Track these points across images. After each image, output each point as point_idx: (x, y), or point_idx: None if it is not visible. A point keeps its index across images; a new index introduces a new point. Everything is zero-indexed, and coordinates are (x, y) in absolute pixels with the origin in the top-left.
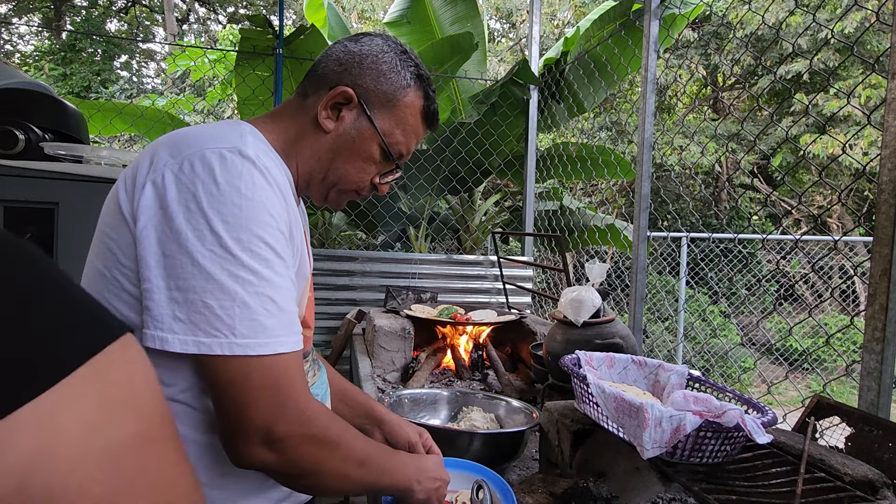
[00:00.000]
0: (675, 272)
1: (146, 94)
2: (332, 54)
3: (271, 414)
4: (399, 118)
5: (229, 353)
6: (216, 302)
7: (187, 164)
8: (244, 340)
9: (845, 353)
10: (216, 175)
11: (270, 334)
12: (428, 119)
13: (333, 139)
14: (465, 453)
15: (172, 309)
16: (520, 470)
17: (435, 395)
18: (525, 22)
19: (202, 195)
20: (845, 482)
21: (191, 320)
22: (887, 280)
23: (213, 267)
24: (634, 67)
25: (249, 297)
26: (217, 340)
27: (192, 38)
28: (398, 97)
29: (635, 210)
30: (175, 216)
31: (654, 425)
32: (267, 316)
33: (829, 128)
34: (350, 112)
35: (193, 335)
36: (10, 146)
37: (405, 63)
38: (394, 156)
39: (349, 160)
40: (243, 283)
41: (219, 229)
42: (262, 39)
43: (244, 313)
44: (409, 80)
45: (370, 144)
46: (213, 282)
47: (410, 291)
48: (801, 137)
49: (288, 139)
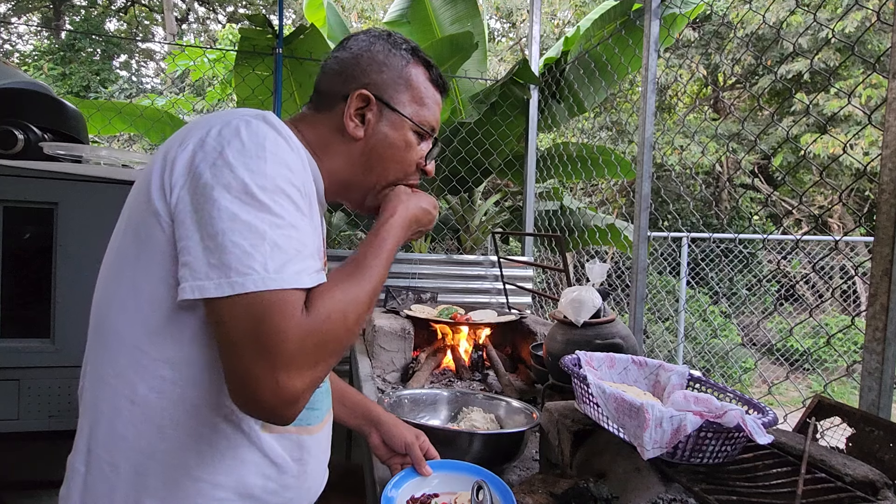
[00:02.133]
0: (675, 272)
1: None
2: (328, 69)
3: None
4: (416, 95)
5: (263, 287)
6: (246, 241)
7: (214, 130)
8: (277, 275)
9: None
10: (242, 135)
11: (301, 268)
12: (438, 84)
13: (366, 143)
14: (465, 454)
15: (207, 257)
16: (520, 470)
17: (435, 396)
18: (525, 21)
19: (227, 152)
20: (846, 483)
21: (222, 262)
22: (888, 280)
23: (241, 211)
24: (635, 67)
25: (279, 237)
26: (251, 277)
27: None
28: (406, 76)
29: (636, 210)
30: (202, 174)
31: (655, 425)
32: (296, 254)
33: (829, 127)
34: (372, 112)
35: (227, 277)
36: (9, 146)
37: (395, 44)
38: (427, 131)
39: (389, 155)
40: (271, 225)
41: (245, 178)
42: (262, 39)
43: (274, 251)
44: (407, 57)
45: (405, 132)
46: (242, 223)
47: (410, 291)
48: (802, 137)
49: (314, 143)
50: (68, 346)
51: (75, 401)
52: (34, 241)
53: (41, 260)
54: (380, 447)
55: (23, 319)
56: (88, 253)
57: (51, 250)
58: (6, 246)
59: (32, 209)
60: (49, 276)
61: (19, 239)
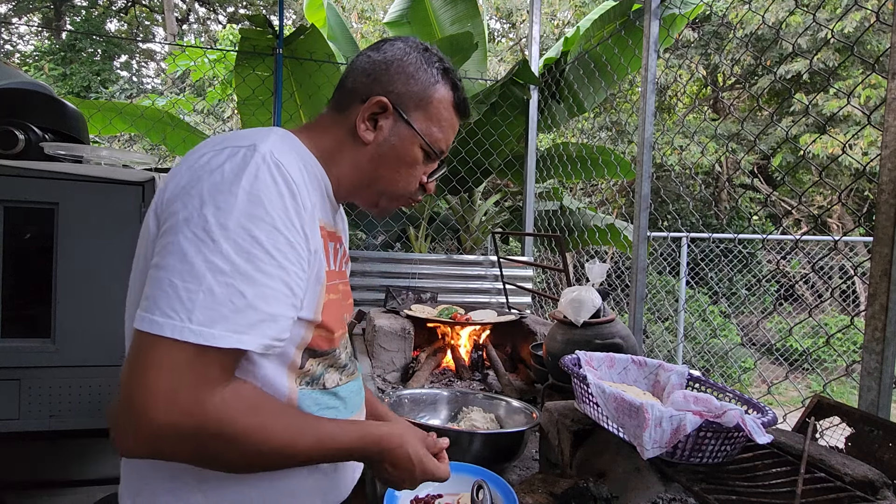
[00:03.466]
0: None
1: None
2: (357, 67)
3: (165, 400)
4: (434, 115)
5: (179, 337)
6: (182, 283)
7: (205, 157)
8: (199, 328)
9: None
10: (224, 167)
11: (230, 327)
12: (460, 110)
13: (374, 149)
14: (465, 453)
15: (148, 287)
16: (520, 470)
17: (435, 396)
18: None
19: (203, 183)
20: (845, 482)
21: (154, 298)
22: (887, 280)
23: (190, 248)
24: (634, 67)
25: (217, 285)
26: (170, 322)
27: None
28: (430, 95)
29: (635, 210)
30: (176, 199)
31: (655, 425)
32: (231, 308)
33: (829, 128)
34: (387, 120)
35: (150, 313)
36: (10, 146)
37: (429, 60)
38: (436, 152)
39: (395, 167)
40: (214, 271)
41: (208, 213)
42: (262, 39)
43: (207, 300)
44: (436, 76)
45: (412, 147)
46: (186, 262)
47: (410, 291)
48: (801, 137)
49: (326, 149)
50: (69, 346)
51: (75, 401)
52: (34, 241)
53: (41, 260)
54: None
55: (23, 319)
56: (89, 253)
57: (51, 250)
58: (6, 246)
59: (33, 209)
60: (49, 276)
61: (20, 239)
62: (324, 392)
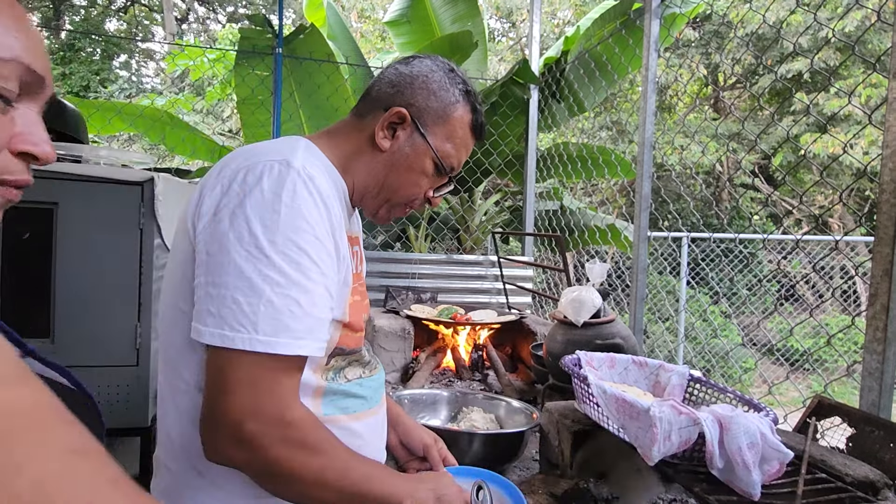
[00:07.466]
0: (675, 272)
1: (145, 94)
2: (385, 77)
3: (248, 409)
4: (450, 133)
5: (250, 348)
6: (244, 298)
7: (241, 174)
8: (266, 338)
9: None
10: (263, 184)
11: (293, 335)
12: (476, 131)
13: (389, 157)
14: (465, 454)
15: (207, 303)
16: (520, 470)
17: (435, 396)
18: (525, 21)
19: (247, 201)
20: (846, 483)
21: (220, 314)
22: (888, 280)
23: (246, 265)
24: (635, 67)
25: (276, 297)
26: (240, 335)
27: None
28: (448, 113)
29: (636, 210)
30: (222, 220)
31: (664, 438)
32: (290, 317)
33: (829, 127)
34: (404, 131)
35: (220, 329)
36: None
37: (453, 80)
38: (446, 169)
39: (403, 174)
40: (272, 283)
41: (257, 231)
42: (262, 39)
43: (268, 311)
44: (457, 97)
45: (424, 159)
46: (244, 279)
47: (410, 291)
48: (802, 137)
49: (344, 155)
50: (68, 346)
51: None
52: (34, 241)
53: (41, 260)
54: (398, 448)
55: (22, 319)
56: (88, 253)
57: (51, 250)
58: (6, 246)
59: (33, 209)
60: (49, 275)
61: (19, 239)
62: (347, 383)
